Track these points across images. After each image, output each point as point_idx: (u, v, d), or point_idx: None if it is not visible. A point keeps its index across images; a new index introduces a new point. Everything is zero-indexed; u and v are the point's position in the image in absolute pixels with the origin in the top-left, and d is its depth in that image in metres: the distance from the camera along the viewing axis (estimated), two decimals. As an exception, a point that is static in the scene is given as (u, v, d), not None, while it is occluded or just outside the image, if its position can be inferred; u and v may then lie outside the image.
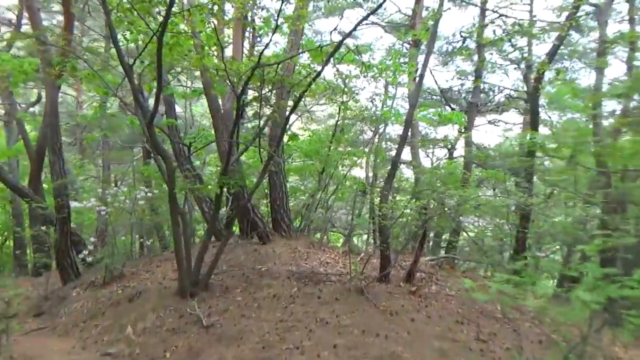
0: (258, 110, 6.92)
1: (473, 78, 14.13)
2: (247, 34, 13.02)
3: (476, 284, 7.66)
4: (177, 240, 5.82)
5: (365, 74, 8.29)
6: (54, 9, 12.80)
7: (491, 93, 16.02)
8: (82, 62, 6.91)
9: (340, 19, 13.05)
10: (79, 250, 9.03)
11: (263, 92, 6.50)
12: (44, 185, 11.08)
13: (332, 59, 6.50)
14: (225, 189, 7.03)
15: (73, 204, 8.49)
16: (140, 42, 6.45)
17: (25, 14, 10.72)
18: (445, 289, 6.97)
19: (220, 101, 8.76)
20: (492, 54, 13.92)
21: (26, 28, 11.77)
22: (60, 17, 11.70)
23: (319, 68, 6.26)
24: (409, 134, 8.56)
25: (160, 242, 11.91)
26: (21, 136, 11.29)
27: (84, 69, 6.86)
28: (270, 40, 6.05)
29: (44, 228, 8.34)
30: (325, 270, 7.14)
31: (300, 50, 7.63)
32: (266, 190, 10.07)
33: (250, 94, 8.94)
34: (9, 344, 5.23)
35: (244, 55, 10.63)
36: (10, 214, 13.93)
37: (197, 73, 10.22)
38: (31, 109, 14.14)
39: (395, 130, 15.03)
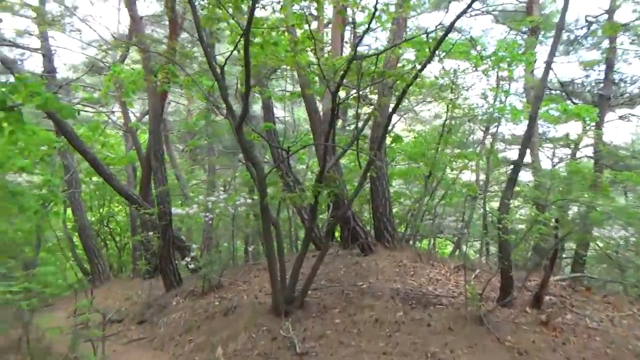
0: (356, 110, 6.22)
1: (601, 68, 12.15)
2: (346, 32, 12.49)
3: (623, 313, 6.26)
4: (269, 254, 5.36)
5: (477, 67, 7.25)
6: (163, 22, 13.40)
7: (622, 84, 13.66)
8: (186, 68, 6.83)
9: (446, 12, 11.90)
10: (183, 255, 9.13)
11: (362, 88, 5.78)
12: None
13: (438, 53, 5.62)
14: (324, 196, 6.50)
15: (176, 211, 8.56)
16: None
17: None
18: (584, 319, 5.65)
19: (319, 103, 8.28)
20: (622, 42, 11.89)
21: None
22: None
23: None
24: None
25: (264, 248, 11.78)
26: (134, 144, 11.90)
27: (185, 76, 6.79)
28: (369, 27, 5.30)
29: (151, 234, 8.52)
30: (434, 290, 6.21)
31: (404, 38, 6.81)
32: (368, 197, 9.37)
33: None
34: (105, 356, 5.15)
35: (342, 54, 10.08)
36: (129, 218, 14.95)
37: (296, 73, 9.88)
38: (145, 118, 14.99)
39: (509, 129, 13.48)
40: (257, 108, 12.68)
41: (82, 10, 18.49)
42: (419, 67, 5.48)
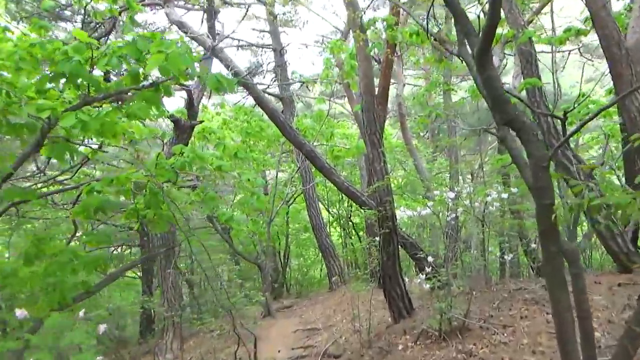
0: None
1: None
2: None
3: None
4: (554, 294, 2.60)
5: None
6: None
7: None
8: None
9: None
10: (420, 268, 7.03)
11: None
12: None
13: None
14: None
15: (404, 213, 6.47)
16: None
17: None
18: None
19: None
20: None
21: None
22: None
23: None
24: None
25: (532, 259, 8.62)
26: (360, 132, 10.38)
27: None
28: None
29: (377, 239, 6.64)
30: None
31: None
32: None
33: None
34: None
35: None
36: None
37: None
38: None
39: None
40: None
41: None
42: None
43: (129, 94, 3.51)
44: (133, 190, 4.37)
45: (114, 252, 12.06)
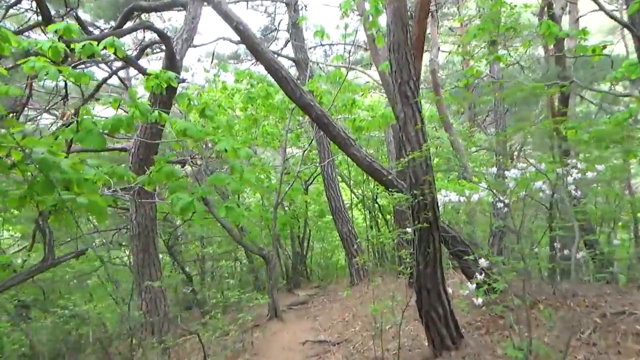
0: None
1: None
2: None
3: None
4: None
5: None
6: None
7: None
8: None
9: None
10: (467, 274, 5.29)
11: None
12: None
13: None
14: None
15: (445, 198, 4.61)
16: None
17: None
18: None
19: None
20: None
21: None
22: None
23: None
24: None
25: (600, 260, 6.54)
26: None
27: None
28: None
29: (408, 231, 4.84)
30: None
31: None
32: None
33: None
34: None
35: None
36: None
37: None
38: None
39: None
40: None
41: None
42: None
43: None
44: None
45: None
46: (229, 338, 6.37)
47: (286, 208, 13.19)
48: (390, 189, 5.38)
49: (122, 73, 10.29)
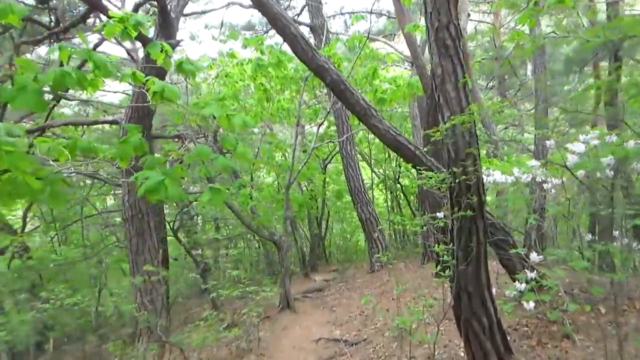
0: None
1: None
2: None
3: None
4: None
5: None
6: None
7: None
8: None
9: None
10: (512, 271, 4.45)
11: None
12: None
13: None
14: None
15: (490, 177, 3.70)
16: None
17: None
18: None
19: None
20: None
21: None
22: None
23: None
24: None
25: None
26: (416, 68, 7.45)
27: None
28: None
29: (441, 215, 3.95)
30: None
31: None
32: None
33: None
34: None
35: None
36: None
37: None
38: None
39: None
40: None
41: None
42: None
43: None
44: None
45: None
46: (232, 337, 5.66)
47: (303, 188, 12.41)
48: (419, 167, 4.48)
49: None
